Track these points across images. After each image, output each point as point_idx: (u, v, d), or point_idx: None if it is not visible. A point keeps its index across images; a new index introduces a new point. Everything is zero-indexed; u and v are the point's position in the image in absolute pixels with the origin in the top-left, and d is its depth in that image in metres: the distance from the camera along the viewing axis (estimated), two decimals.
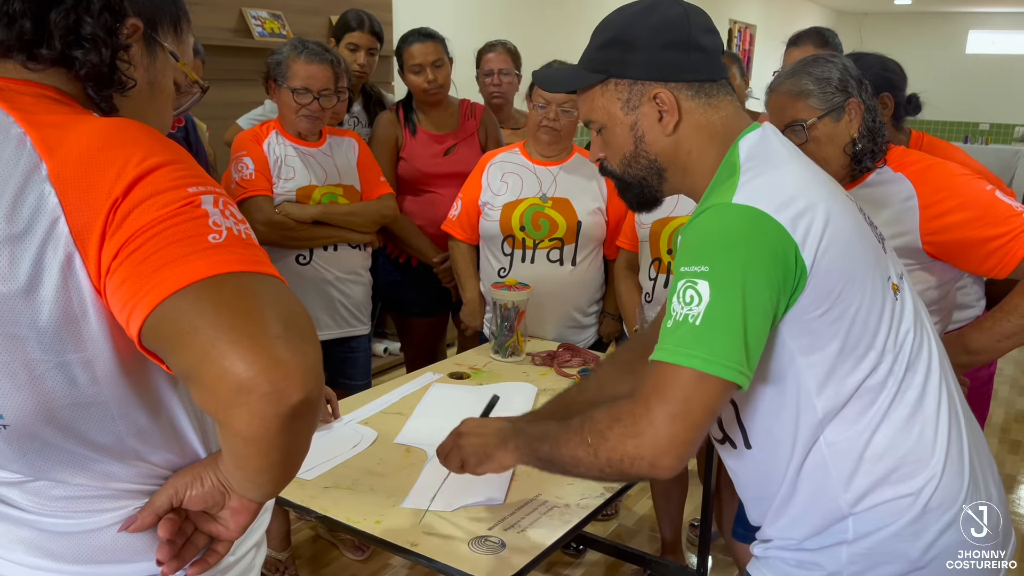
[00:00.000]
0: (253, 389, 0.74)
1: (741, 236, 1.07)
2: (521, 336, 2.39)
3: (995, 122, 11.90)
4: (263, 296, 0.79)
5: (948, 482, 1.16)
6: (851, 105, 1.71)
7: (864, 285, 1.13)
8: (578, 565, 2.83)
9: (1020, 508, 3.37)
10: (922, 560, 1.15)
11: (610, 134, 1.26)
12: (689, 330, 1.05)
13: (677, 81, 1.20)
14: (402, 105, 3.00)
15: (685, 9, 1.22)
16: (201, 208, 0.81)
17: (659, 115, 1.21)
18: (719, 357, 1.04)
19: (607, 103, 1.25)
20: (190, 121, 2.37)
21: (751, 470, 1.27)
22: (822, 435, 1.15)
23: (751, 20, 10.35)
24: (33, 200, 0.80)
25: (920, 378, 1.17)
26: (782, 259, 1.06)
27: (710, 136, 1.21)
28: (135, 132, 0.84)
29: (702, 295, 1.05)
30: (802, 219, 1.08)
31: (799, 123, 1.71)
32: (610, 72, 1.23)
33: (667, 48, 1.20)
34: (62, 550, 0.93)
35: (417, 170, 2.93)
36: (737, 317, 1.04)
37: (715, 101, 1.22)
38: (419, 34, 2.89)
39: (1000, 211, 1.64)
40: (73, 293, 0.81)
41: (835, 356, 1.13)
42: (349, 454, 1.72)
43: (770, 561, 1.26)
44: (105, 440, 0.89)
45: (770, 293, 1.06)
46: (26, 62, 0.88)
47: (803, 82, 1.71)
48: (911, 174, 1.73)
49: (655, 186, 1.27)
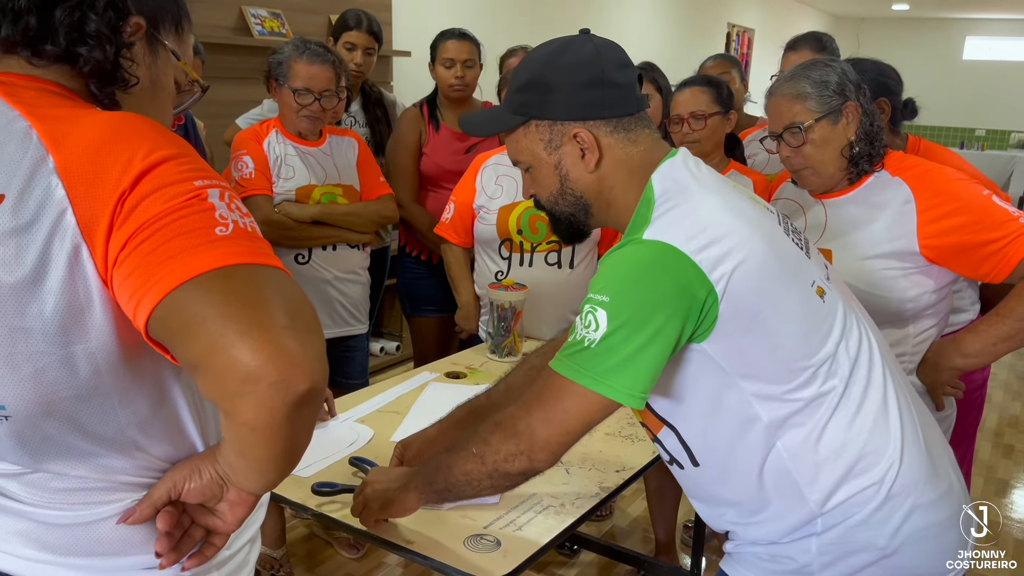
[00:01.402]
0: (261, 378, 0.75)
1: (645, 270, 1.13)
2: (518, 336, 2.40)
3: (991, 128, 11.94)
4: (270, 287, 0.80)
5: (908, 467, 1.19)
6: (848, 108, 1.72)
7: (787, 300, 1.17)
8: (572, 565, 2.84)
9: (1013, 512, 3.39)
10: (890, 547, 1.18)
11: (536, 173, 1.30)
12: (584, 351, 1.14)
13: (595, 119, 1.24)
14: (427, 102, 3.04)
15: (597, 47, 1.25)
16: (208, 201, 0.82)
17: (581, 153, 1.25)
18: (607, 379, 1.12)
19: (530, 144, 1.28)
20: (190, 119, 2.38)
21: (703, 486, 1.31)
22: (778, 442, 1.18)
23: (749, 24, 10.38)
24: (40, 192, 0.81)
25: (863, 372, 1.21)
26: (688, 289, 1.11)
27: (630, 171, 1.25)
28: (141, 126, 0.85)
29: (599, 323, 1.12)
30: (710, 248, 1.12)
31: (796, 125, 1.72)
32: (530, 114, 1.26)
33: (583, 87, 1.23)
34: (60, 542, 0.93)
35: (439, 167, 2.97)
36: (628, 345, 1.11)
37: (633, 135, 1.26)
38: (457, 32, 2.95)
39: (997, 216, 1.66)
40: (79, 284, 0.82)
41: (770, 370, 1.16)
42: (345, 452, 1.73)
43: (742, 556, 1.30)
44: (106, 431, 0.89)
45: (671, 323, 1.11)
46: (31, 58, 0.89)
47: (801, 85, 1.73)
48: (909, 178, 1.75)
49: (582, 220, 1.32)
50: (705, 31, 9.25)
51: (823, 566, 1.19)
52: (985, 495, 3.47)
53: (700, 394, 1.20)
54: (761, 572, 1.26)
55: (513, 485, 1.27)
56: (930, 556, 1.21)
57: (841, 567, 1.19)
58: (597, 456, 1.76)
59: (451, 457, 1.30)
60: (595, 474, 1.68)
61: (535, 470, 1.23)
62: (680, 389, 1.22)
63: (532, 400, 1.20)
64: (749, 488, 1.22)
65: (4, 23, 0.88)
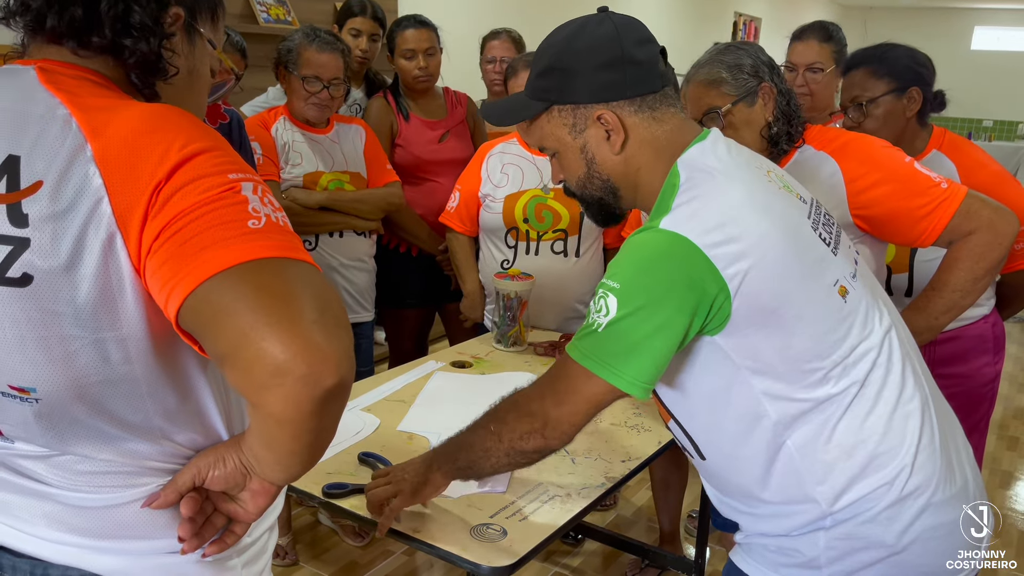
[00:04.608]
0: (290, 371, 0.76)
1: (657, 261, 1.12)
2: (523, 326, 2.39)
3: (999, 119, 11.88)
4: (300, 281, 0.81)
5: (921, 467, 1.18)
6: (764, 89, 1.73)
7: (804, 301, 1.15)
8: (576, 554, 2.85)
9: (1018, 505, 3.39)
10: (899, 545, 1.17)
11: (563, 159, 1.29)
12: (592, 335, 1.15)
13: (618, 100, 1.22)
14: (390, 91, 2.96)
15: (615, 25, 1.23)
16: (241, 194, 0.83)
17: (606, 135, 1.23)
18: (612, 365, 1.13)
19: (555, 129, 1.27)
20: (236, 118, 2.32)
21: (712, 477, 1.32)
22: (787, 441, 1.17)
23: (756, 13, 10.32)
24: (77, 180, 0.82)
25: (880, 372, 1.19)
26: (698, 284, 1.10)
27: (657, 151, 1.24)
28: (177, 118, 0.87)
29: (609, 308, 1.13)
30: (726, 245, 1.11)
31: (715, 110, 1.73)
32: (552, 99, 1.25)
33: (603, 68, 1.21)
34: (85, 524, 0.95)
35: (416, 157, 2.89)
36: (634, 334, 1.12)
37: (659, 114, 1.24)
38: (413, 20, 2.87)
39: (921, 182, 1.68)
40: (112, 272, 0.83)
41: (781, 369, 1.15)
42: (352, 441, 1.73)
43: (752, 547, 1.29)
44: (133, 418, 0.90)
45: (679, 316, 1.11)
46: (77, 49, 0.91)
47: (716, 70, 1.73)
48: (832, 151, 1.76)
49: (612, 204, 1.31)
50: (712, 20, 9.21)
51: (830, 560, 1.19)
52: (990, 487, 3.47)
53: (708, 388, 1.20)
54: (769, 564, 1.26)
55: (530, 462, 1.29)
56: (939, 555, 1.20)
57: (849, 562, 1.18)
58: (603, 446, 1.76)
59: (471, 436, 1.33)
60: (600, 464, 1.69)
61: (550, 448, 1.25)
62: (687, 382, 1.21)
63: (545, 381, 1.24)
64: (756, 485, 1.22)
65: (50, 14, 0.90)
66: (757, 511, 1.25)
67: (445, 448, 1.38)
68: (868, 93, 2.02)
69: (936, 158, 2.03)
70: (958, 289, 1.69)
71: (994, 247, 1.65)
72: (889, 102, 2.01)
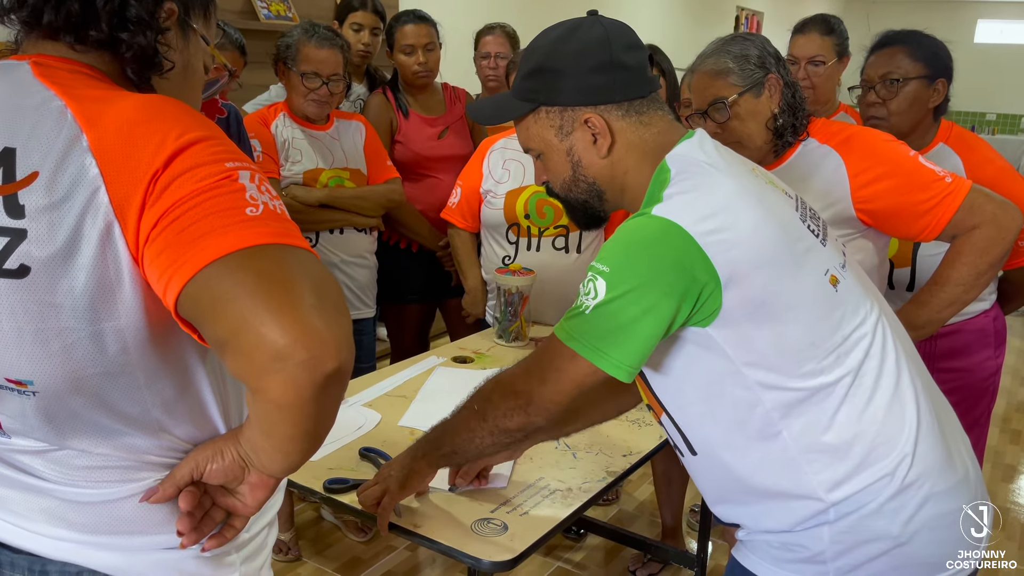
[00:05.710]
0: (290, 356, 0.76)
1: (647, 246, 1.12)
2: (525, 321, 2.39)
3: (1002, 112, 11.84)
4: (298, 267, 0.81)
5: (922, 456, 1.18)
6: (770, 81, 1.72)
7: (796, 290, 1.15)
8: (578, 549, 2.85)
9: (1021, 498, 3.39)
10: (903, 535, 1.17)
11: (548, 160, 1.29)
12: (579, 316, 1.15)
13: (606, 103, 1.23)
14: (389, 87, 2.95)
15: (605, 29, 1.23)
16: (238, 182, 0.83)
17: (593, 139, 1.23)
18: (596, 345, 1.13)
19: (541, 131, 1.27)
20: (233, 113, 2.32)
21: (704, 474, 1.31)
22: (784, 432, 1.17)
23: (758, 7, 10.30)
24: (74, 170, 0.83)
25: (874, 362, 1.19)
26: (688, 271, 1.10)
27: (643, 154, 1.24)
28: (173, 108, 0.87)
29: (598, 291, 1.13)
30: (719, 234, 1.11)
31: (721, 101, 1.72)
32: (539, 100, 1.25)
33: (592, 72, 1.21)
34: (83, 520, 0.95)
35: (416, 153, 2.90)
36: (621, 316, 1.12)
37: (646, 118, 1.24)
38: (413, 15, 2.87)
39: (925, 176, 1.68)
40: (110, 262, 0.83)
41: (775, 359, 1.15)
42: (353, 436, 1.73)
43: (755, 545, 1.29)
44: (131, 410, 0.91)
45: (667, 301, 1.11)
46: (74, 43, 0.92)
47: (723, 61, 1.73)
48: (836, 145, 1.76)
49: (597, 206, 1.31)
50: (714, 14, 9.18)
51: (836, 555, 1.18)
52: (993, 480, 3.47)
53: (701, 379, 1.20)
54: (773, 560, 1.25)
55: (514, 441, 1.29)
56: (943, 544, 1.20)
57: (854, 555, 1.18)
58: (604, 441, 1.76)
59: (454, 420, 1.34)
60: (602, 459, 1.69)
61: (532, 424, 1.24)
62: (681, 373, 1.21)
63: (531, 361, 1.24)
64: (751, 475, 1.22)
65: (47, 9, 0.90)
66: (754, 505, 1.25)
67: (429, 436, 1.39)
68: (902, 71, 2.00)
69: (942, 152, 2.02)
70: (961, 284, 1.68)
71: (998, 242, 1.65)
72: (919, 87, 1.99)
